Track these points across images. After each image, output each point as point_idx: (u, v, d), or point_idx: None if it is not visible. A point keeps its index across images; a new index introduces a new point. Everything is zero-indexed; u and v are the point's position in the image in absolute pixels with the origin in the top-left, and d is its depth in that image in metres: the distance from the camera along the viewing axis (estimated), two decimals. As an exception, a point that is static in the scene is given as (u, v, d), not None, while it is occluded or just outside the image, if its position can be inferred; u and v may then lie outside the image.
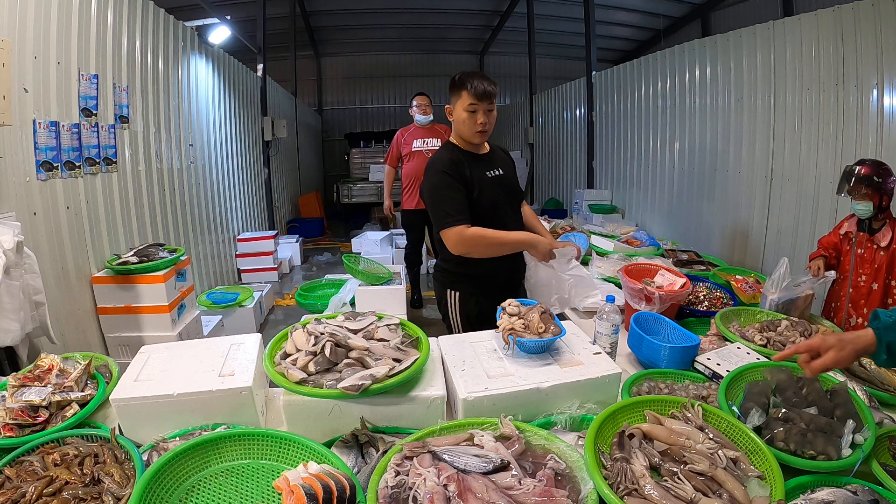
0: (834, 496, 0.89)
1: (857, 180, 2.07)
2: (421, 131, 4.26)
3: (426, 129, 4.26)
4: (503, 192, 1.93)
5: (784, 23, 3.48)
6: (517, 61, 11.10)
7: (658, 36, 9.36)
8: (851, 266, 2.20)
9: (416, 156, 4.21)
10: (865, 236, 2.16)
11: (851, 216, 2.24)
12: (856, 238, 2.19)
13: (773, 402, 1.14)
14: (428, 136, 4.22)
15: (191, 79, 4.28)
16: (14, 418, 1.15)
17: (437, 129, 4.28)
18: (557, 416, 1.16)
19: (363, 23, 9.71)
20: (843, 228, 2.26)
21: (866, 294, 2.17)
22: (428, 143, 4.18)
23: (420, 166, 3.95)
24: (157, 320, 2.82)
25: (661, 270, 2.15)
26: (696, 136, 4.44)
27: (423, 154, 4.16)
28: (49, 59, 2.42)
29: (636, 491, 0.88)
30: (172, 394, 1.14)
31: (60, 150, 2.49)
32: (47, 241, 2.40)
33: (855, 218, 2.20)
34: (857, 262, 2.19)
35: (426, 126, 4.27)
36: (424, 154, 4.14)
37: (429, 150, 4.15)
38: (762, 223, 3.75)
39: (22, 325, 1.93)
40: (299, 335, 1.29)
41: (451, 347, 1.36)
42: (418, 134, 4.25)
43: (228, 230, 5.17)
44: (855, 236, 2.19)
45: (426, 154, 4.08)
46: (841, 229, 2.27)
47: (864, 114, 2.95)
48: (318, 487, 0.84)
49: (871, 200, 2.06)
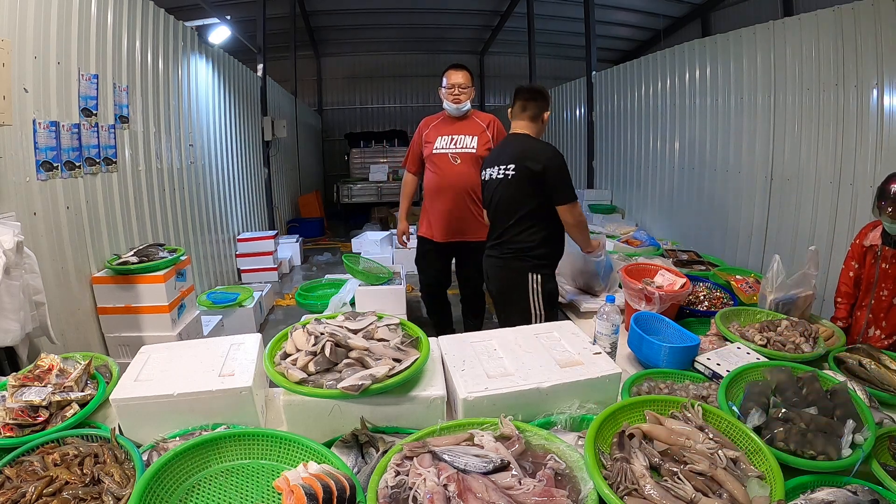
0: (834, 496, 0.89)
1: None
2: (449, 123, 2.86)
3: (457, 122, 2.85)
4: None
5: (784, 23, 3.47)
6: (517, 61, 11.10)
7: (658, 36, 9.36)
8: (875, 279, 2.18)
9: (438, 161, 2.82)
10: (892, 251, 2.13)
11: (876, 224, 2.19)
12: (881, 252, 2.17)
13: (773, 402, 1.14)
14: (459, 132, 2.81)
15: (191, 79, 4.28)
16: (14, 418, 1.15)
17: (476, 119, 2.87)
18: (557, 416, 1.16)
19: (363, 23, 9.71)
20: (867, 240, 2.22)
21: (886, 308, 2.16)
22: (457, 143, 2.79)
23: (447, 177, 2.79)
24: (157, 320, 2.82)
25: (661, 270, 2.15)
26: (696, 135, 4.43)
27: (448, 159, 2.78)
28: (49, 59, 2.42)
29: (636, 491, 0.88)
30: (172, 394, 1.14)
31: (60, 150, 2.49)
32: (47, 241, 2.40)
33: (880, 227, 2.16)
34: (881, 276, 2.17)
35: (458, 117, 2.86)
36: (450, 159, 2.78)
37: (457, 152, 2.77)
38: (762, 223, 3.75)
39: (22, 325, 1.93)
40: (299, 335, 1.29)
41: (451, 347, 1.36)
42: (444, 128, 2.85)
43: (228, 230, 5.17)
44: (880, 250, 2.16)
45: (453, 159, 2.77)
46: (866, 240, 2.23)
47: (864, 114, 2.95)
48: (318, 487, 0.84)
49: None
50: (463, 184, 2.78)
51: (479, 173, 2.43)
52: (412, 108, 12.20)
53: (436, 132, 2.85)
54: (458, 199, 2.80)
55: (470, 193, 2.79)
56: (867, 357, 1.46)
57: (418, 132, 2.95)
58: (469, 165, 2.77)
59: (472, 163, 2.77)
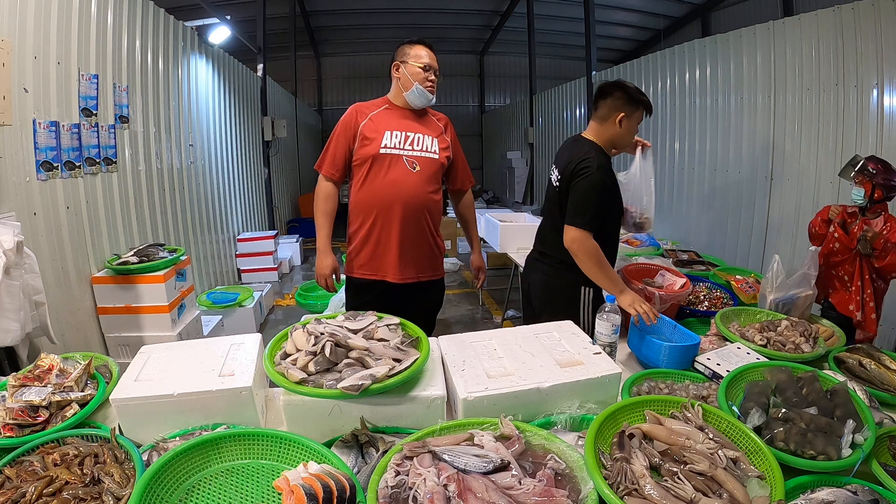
0: (834, 496, 0.89)
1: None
2: (401, 116, 2.00)
3: (414, 116, 2.02)
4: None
5: (784, 23, 3.48)
6: (517, 61, 11.13)
7: (658, 36, 9.38)
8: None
9: (388, 164, 1.94)
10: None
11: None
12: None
13: (773, 402, 1.14)
14: (416, 130, 1.99)
15: (191, 79, 4.28)
16: (14, 418, 1.15)
17: (434, 118, 2.09)
18: (557, 416, 1.16)
19: (363, 23, 9.73)
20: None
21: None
22: (415, 144, 1.97)
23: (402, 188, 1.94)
24: (157, 320, 2.82)
25: (661, 270, 2.15)
26: (696, 136, 4.44)
27: (403, 163, 1.94)
28: (49, 59, 2.42)
29: (636, 491, 0.88)
30: (172, 394, 1.14)
31: (60, 150, 2.49)
32: (47, 241, 2.40)
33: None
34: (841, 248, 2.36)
35: (416, 111, 2.02)
36: (406, 164, 1.94)
37: (415, 155, 1.95)
38: (762, 223, 3.75)
39: (22, 325, 1.93)
40: (299, 335, 1.29)
41: (451, 347, 1.36)
42: (394, 121, 1.97)
43: (228, 230, 5.17)
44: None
45: (410, 165, 1.94)
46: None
47: (864, 114, 2.95)
48: (318, 487, 0.84)
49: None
50: (423, 201, 1.97)
51: (439, 190, 2.01)
52: (412, 108, 12.19)
53: (381, 125, 1.94)
54: (417, 221, 1.97)
55: (427, 216, 2.00)
56: (867, 357, 1.46)
57: (346, 123, 1.97)
58: (428, 176, 1.98)
59: (432, 173, 1.99)
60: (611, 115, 1.82)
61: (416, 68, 1.93)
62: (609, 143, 1.87)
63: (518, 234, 3.77)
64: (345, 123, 1.99)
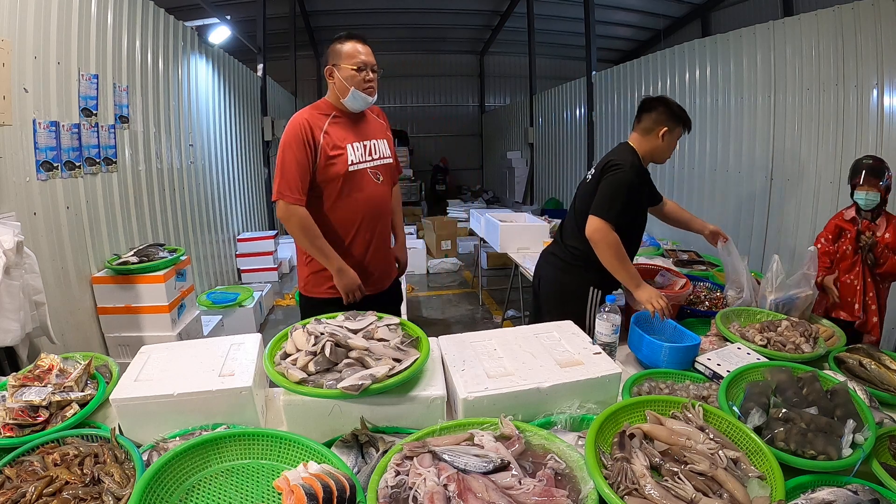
0: (834, 496, 0.89)
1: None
2: (350, 125, 1.86)
3: (360, 122, 1.90)
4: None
5: (784, 23, 3.48)
6: (517, 61, 11.12)
7: (658, 36, 9.37)
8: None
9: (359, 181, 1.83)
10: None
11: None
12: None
13: (773, 403, 1.14)
14: (369, 136, 1.89)
15: (191, 79, 4.28)
16: (14, 418, 1.15)
17: (376, 117, 1.99)
18: (557, 416, 1.16)
19: (363, 23, 9.71)
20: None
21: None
22: (373, 152, 1.88)
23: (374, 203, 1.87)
24: (157, 320, 2.82)
25: (661, 271, 2.15)
26: (696, 136, 4.43)
27: (370, 177, 1.86)
28: (49, 59, 2.42)
29: (636, 491, 0.88)
30: (172, 394, 1.14)
31: (60, 150, 2.49)
32: (47, 241, 2.40)
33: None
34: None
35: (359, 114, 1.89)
36: (372, 177, 1.86)
37: (376, 165, 1.88)
38: (762, 223, 3.75)
39: (22, 325, 1.93)
40: (299, 335, 1.29)
41: (451, 347, 1.36)
42: (349, 133, 1.84)
43: (228, 230, 5.17)
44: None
45: (374, 177, 1.87)
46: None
47: (864, 114, 2.95)
48: (318, 487, 0.84)
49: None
50: (387, 210, 1.96)
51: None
52: (412, 108, 12.22)
53: (339, 138, 1.80)
54: (383, 231, 1.95)
55: (388, 223, 2.00)
56: (867, 357, 1.47)
57: (300, 140, 1.75)
58: (390, 184, 1.97)
59: (391, 179, 1.97)
60: (654, 129, 1.91)
61: (351, 71, 1.76)
62: (648, 155, 1.96)
63: (518, 234, 3.76)
64: (299, 141, 1.75)
